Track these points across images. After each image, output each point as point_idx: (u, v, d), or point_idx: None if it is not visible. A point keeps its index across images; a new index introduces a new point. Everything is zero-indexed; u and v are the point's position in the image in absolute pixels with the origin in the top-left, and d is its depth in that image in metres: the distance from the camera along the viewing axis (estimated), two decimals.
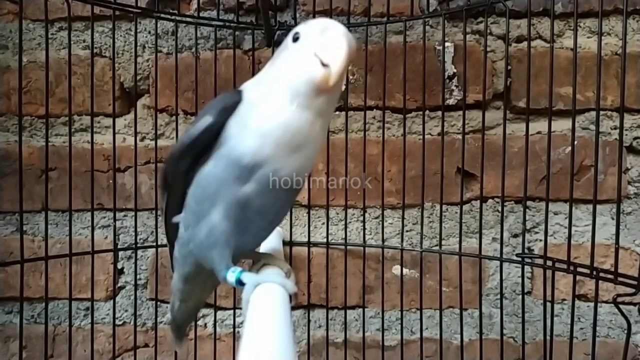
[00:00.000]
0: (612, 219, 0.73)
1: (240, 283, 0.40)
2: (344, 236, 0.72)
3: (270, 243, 0.59)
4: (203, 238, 0.41)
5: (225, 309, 0.77)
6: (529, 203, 0.73)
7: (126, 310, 0.78)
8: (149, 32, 0.77)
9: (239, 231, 0.41)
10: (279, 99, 0.39)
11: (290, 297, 0.38)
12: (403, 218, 0.69)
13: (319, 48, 0.38)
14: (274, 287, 0.38)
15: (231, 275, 0.40)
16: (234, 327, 0.73)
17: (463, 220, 0.70)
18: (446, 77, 0.73)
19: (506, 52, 0.65)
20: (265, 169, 0.39)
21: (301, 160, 0.41)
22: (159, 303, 0.74)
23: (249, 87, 0.43)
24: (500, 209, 0.64)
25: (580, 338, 0.73)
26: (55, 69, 0.77)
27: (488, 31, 0.72)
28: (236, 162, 0.39)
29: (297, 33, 0.40)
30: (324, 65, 0.37)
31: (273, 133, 0.39)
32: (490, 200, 0.75)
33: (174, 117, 0.75)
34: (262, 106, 0.39)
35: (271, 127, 0.39)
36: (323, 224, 0.76)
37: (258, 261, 0.48)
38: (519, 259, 0.61)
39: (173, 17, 0.69)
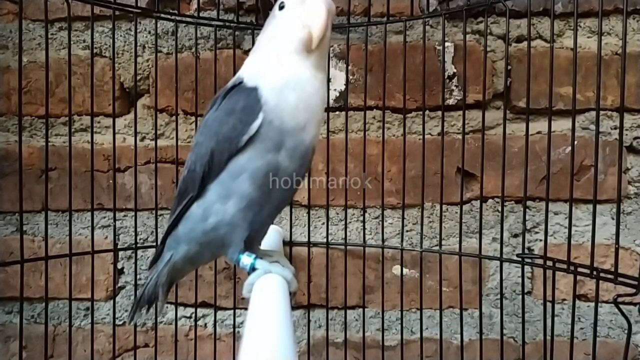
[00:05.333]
0: (612, 219, 0.73)
1: (253, 268, 0.44)
2: (344, 236, 0.72)
3: (271, 243, 0.59)
4: (234, 210, 0.44)
5: (225, 309, 0.77)
6: (529, 203, 0.73)
7: (126, 310, 0.78)
8: (149, 32, 0.77)
9: (261, 205, 0.45)
10: (285, 62, 0.44)
11: (290, 294, 0.41)
12: (403, 218, 0.69)
13: (302, 15, 0.44)
14: (279, 280, 0.41)
15: (246, 259, 0.45)
16: (234, 327, 0.73)
17: (463, 220, 0.70)
18: (446, 77, 0.73)
19: (506, 52, 0.65)
20: (300, 131, 0.43)
21: (310, 116, 0.44)
22: None
23: (250, 72, 0.46)
24: (500, 209, 0.64)
25: (580, 338, 0.73)
26: (55, 69, 0.77)
27: (488, 31, 0.72)
28: (278, 129, 0.43)
29: (282, 2, 0.45)
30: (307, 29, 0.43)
31: (292, 86, 0.43)
32: (490, 200, 0.75)
33: (174, 117, 0.75)
34: (275, 72, 0.44)
35: (288, 81, 0.43)
36: (323, 224, 0.76)
37: (268, 257, 0.49)
38: (519, 259, 0.61)
39: (173, 17, 0.69)
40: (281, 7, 0.45)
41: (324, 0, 0.43)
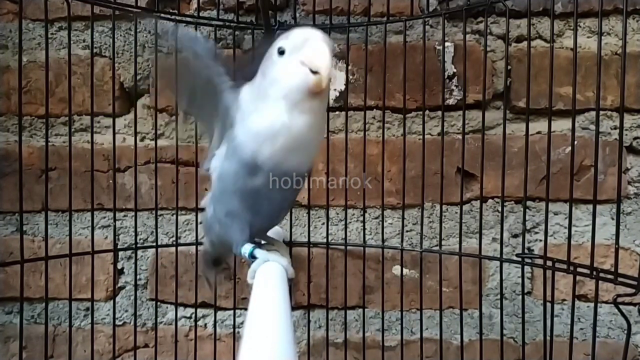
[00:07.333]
0: (612, 219, 0.73)
1: (252, 256, 0.48)
2: (344, 236, 0.72)
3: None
4: (224, 218, 0.49)
5: (225, 309, 0.77)
6: (529, 203, 0.73)
7: (126, 311, 0.78)
8: (149, 32, 0.77)
9: (253, 212, 0.48)
10: (278, 108, 0.43)
11: (289, 281, 0.45)
12: (403, 218, 0.69)
13: (305, 58, 0.41)
14: (279, 270, 0.45)
15: (246, 248, 0.48)
16: (234, 328, 0.73)
17: (463, 220, 0.70)
18: (446, 77, 0.73)
19: (506, 52, 0.65)
20: (267, 168, 0.44)
21: (301, 158, 0.46)
22: (159, 303, 0.74)
23: (246, 90, 0.47)
24: (500, 209, 0.64)
25: (580, 338, 0.73)
26: (55, 69, 0.77)
27: (488, 31, 0.72)
28: (244, 161, 0.45)
29: (280, 47, 0.43)
30: (313, 72, 0.41)
31: (276, 137, 0.43)
32: (490, 200, 0.75)
33: (174, 117, 0.75)
34: (264, 113, 0.43)
35: (274, 131, 0.43)
36: (323, 224, 0.76)
37: (270, 245, 0.55)
38: (519, 259, 0.61)
39: (173, 17, 0.69)
40: (281, 53, 0.43)
41: (324, 39, 0.41)
